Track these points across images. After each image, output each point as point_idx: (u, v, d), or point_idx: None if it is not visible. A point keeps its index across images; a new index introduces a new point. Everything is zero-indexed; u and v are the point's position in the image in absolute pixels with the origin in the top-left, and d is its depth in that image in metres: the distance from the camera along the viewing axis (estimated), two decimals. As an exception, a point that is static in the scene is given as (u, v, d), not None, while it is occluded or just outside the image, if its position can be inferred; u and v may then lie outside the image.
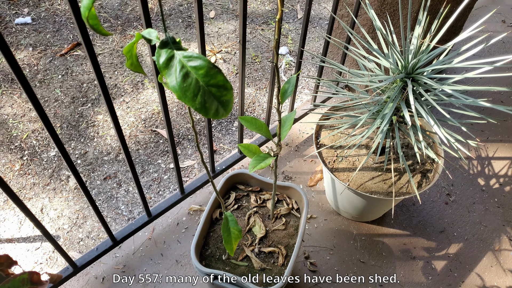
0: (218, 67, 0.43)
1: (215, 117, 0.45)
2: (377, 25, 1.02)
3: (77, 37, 2.04)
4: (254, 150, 0.83)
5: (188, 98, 0.42)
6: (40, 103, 0.73)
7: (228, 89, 0.44)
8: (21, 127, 1.68)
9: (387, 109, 0.92)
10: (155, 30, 0.46)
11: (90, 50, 0.72)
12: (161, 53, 0.41)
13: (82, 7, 0.37)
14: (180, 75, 0.41)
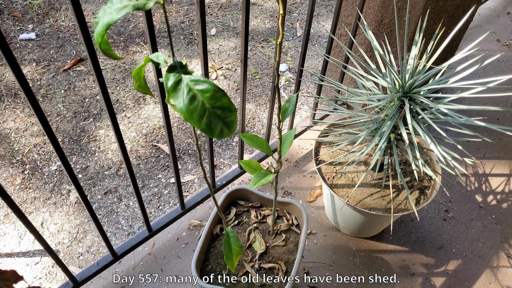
0: (223, 90, 0.45)
1: (219, 137, 0.47)
2: (374, 45, 1.05)
3: (80, 53, 2.07)
4: (255, 167, 0.85)
5: (195, 120, 0.44)
6: (45, 116, 0.75)
7: (233, 110, 0.46)
8: (23, 141, 1.70)
9: (385, 127, 0.94)
10: (162, 54, 0.48)
11: (95, 65, 0.74)
12: (169, 77, 0.43)
13: (95, 34, 0.40)
14: (187, 98, 0.43)
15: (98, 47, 0.42)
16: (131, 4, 0.39)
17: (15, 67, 0.64)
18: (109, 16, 0.39)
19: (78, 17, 0.65)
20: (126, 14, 2.32)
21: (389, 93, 1.02)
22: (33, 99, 0.70)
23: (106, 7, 0.41)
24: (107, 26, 0.39)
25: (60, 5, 2.33)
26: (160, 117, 1.83)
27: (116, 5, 0.39)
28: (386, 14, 1.34)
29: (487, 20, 2.35)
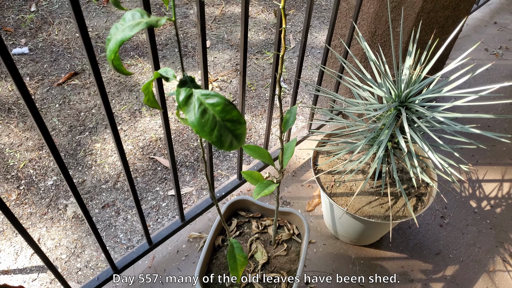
0: (233, 103, 0.46)
1: (229, 149, 0.48)
2: (370, 56, 1.07)
3: (74, 67, 2.08)
4: (257, 177, 0.86)
5: (206, 133, 0.45)
6: (48, 130, 0.76)
7: (242, 123, 0.47)
8: (18, 157, 1.69)
9: (383, 135, 0.96)
10: (171, 69, 0.49)
11: (98, 76, 0.74)
12: (181, 92, 0.44)
13: (108, 50, 0.41)
14: (198, 112, 0.44)
15: (111, 63, 0.43)
16: (144, 22, 0.40)
17: (18, 78, 0.64)
18: (122, 33, 0.40)
19: (82, 31, 0.66)
20: (120, 27, 2.33)
21: (385, 103, 1.04)
22: (34, 109, 0.70)
23: (118, 24, 0.42)
24: (121, 43, 0.40)
25: (53, 19, 2.34)
26: (156, 130, 1.83)
27: (129, 22, 0.41)
28: (379, 25, 1.37)
29: (475, 30, 2.41)
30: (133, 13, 0.41)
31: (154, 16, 0.41)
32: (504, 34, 2.41)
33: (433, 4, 1.29)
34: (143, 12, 0.41)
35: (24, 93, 0.66)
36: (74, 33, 2.27)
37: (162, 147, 1.77)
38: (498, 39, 2.36)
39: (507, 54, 2.25)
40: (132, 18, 0.41)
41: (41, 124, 0.72)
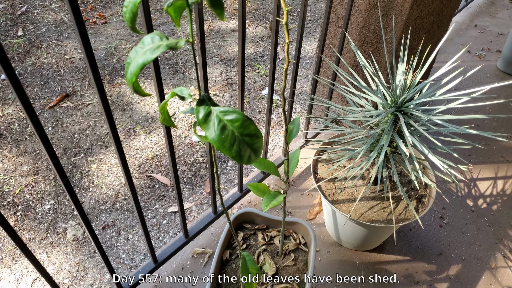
0: (251, 118, 0.48)
1: (247, 163, 0.49)
2: (364, 63, 1.10)
3: (65, 89, 2.07)
4: (263, 189, 0.87)
5: (226, 148, 0.46)
6: (54, 150, 0.76)
7: (259, 137, 0.48)
8: (13, 182, 1.67)
9: (382, 141, 0.98)
10: (186, 89, 0.51)
11: (102, 94, 0.75)
12: (200, 110, 0.46)
13: (129, 74, 0.42)
14: (218, 128, 0.45)
15: (131, 86, 0.44)
16: (164, 44, 0.41)
17: (25, 100, 0.65)
18: (143, 57, 0.41)
19: (86, 49, 0.67)
20: (109, 47, 2.34)
21: (380, 108, 1.07)
22: (40, 128, 0.70)
23: (137, 47, 0.43)
24: (142, 66, 0.41)
25: (40, 42, 2.33)
26: (152, 147, 1.83)
27: (148, 46, 0.42)
28: (368, 34, 1.41)
29: (456, 33, 2.48)
30: (152, 37, 0.42)
31: (172, 38, 0.42)
32: (485, 36, 2.48)
33: (419, 11, 1.33)
34: (161, 35, 0.42)
35: (30, 113, 0.66)
36: (63, 55, 2.26)
37: (159, 164, 1.77)
38: (480, 41, 2.43)
39: (489, 55, 2.32)
40: (151, 42, 0.42)
41: (46, 142, 0.72)
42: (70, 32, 2.43)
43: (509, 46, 2.09)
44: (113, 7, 2.69)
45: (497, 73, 2.18)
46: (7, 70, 0.58)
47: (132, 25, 0.42)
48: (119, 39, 2.41)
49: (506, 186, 1.55)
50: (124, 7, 0.41)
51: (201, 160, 1.80)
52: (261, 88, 2.18)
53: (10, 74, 0.59)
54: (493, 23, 2.60)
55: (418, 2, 1.29)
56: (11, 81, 0.60)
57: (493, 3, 2.81)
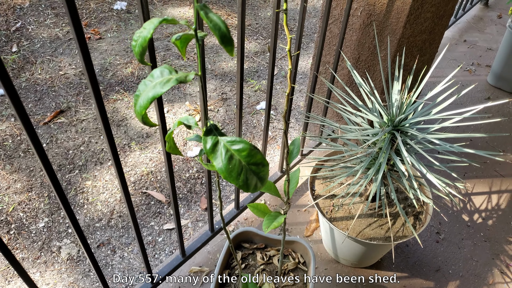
0: (257, 147, 0.48)
1: (254, 191, 0.49)
2: (359, 82, 1.12)
3: (59, 105, 2.06)
4: (263, 209, 0.87)
5: (233, 178, 0.46)
6: (51, 165, 0.75)
7: (265, 165, 0.49)
8: (6, 200, 1.64)
9: (380, 159, 0.99)
10: (193, 118, 0.51)
11: (100, 107, 0.75)
12: (207, 140, 0.46)
13: (139, 107, 0.42)
14: (225, 158, 0.46)
15: (140, 118, 0.44)
16: (174, 78, 0.42)
17: (25, 119, 0.64)
18: (154, 90, 0.41)
19: (87, 64, 0.67)
20: (104, 63, 2.34)
21: (377, 126, 1.08)
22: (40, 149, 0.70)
23: (146, 81, 0.43)
24: (152, 100, 0.42)
25: (35, 58, 2.33)
26: (147, 163, 1.82)
27: (158, 79, 0.42)
28: (362, 52, 1.43)
29: (447, 48, 2.52)
30: (162, 70, 0.42)
31: (181, 72, 0.43)
32: (474, 51, 2.53)
33: (411, 30, 1.36)
34: (171, 68, 0.43)
35: (28, 128, 0.66)
36: (58, 71, 2.26)
37: (154, 180, 1.76)
38: (470, 56, 2.48)
39: (479, 69, 2.36)
40: (161, 75, 0.42)
41: (44, 157, 0.72)
42: (64, 48, 2.43)
43: (499, 61, 2.14)
44: (107, 23, 2.70)
45: (488, 88, 2.22)
46: (6, 85, 0.58)
47: (141, 58, 0.42)
48: (114, 55, 2.42)
49: (500, 201, 1.57)
50: (134, 41, 0.41)
51: (196, 176, 1.79)
52: (256, 103, 2.19)
53: (9, 88, 0.58)
54: (482, 38, 2.66)
55: (411, 21, 1.31)
56: (10, 96, 0.59)
57: (482, 18, 2.88)
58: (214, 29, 0.37)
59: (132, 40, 0.42)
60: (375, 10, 1.32)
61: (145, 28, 0.41)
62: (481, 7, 3.00)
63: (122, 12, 2.83)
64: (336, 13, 1.43)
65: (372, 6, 1.32)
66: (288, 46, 0.59)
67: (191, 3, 3.00)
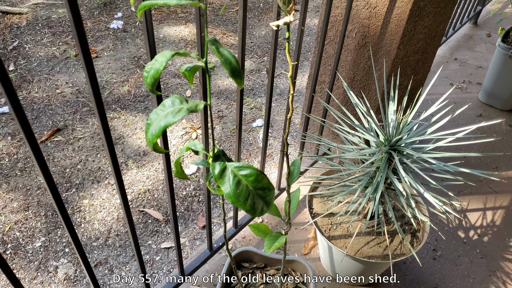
0: (263, 172, 0.50)
1: (260, 215, 0.50)
2: (356, 103, 1.14)
3: (56, 123, 2.07)
4: (264, 230, 0.88)
5: (241, 202, 0.48)
6: (53, 181, 0.76)
7: (271, 189, 0.50)
8: (2, 219, 1.63)
9: (378, 177, 1.01)
10: (200, 143, 0.53)
11: (104, 122, 0.76)
12: (215, 166, 0.47)
13: (150, 135, 0.43)
14: (233, 183, 0.47)
15: (151, 146, 0.45)
16: (185, 108, 0.43)
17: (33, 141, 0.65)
18: (165, 120, 0.43)
19: (93, 83, 0.69)
20: (100, 81, 2.36)
21: (373, 146, 1.10)
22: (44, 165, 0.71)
23: (158, 110, 0.45)
24: (164, 129, 0.43)
25: (32, 77, 2.34)
26: (144, 181, 1.83)
27: (169, 109, 0.44)
28: (357, 71, 1.46)
29: (438, 66, 2.58)
30: (173, 100, 0.44)
31: (191, 101, 0.45)
32: (465, 68, 2.59)
33: (405, 50, 1.40)
34: (181, 98, 0.44)
35: (32, 143, 0.67)
36: (55, 89, 2.27)
37: (151, 198, 1.76)
38: (461, 74, 2.53)
39: (470, 87, 2.41)
40: (172, 105, 0.44)
41: (47, 172, 0.73)
42: (61, 66, 2.45)
43: (490, 79, 2.19)
44: (104, 41, 2.73)
45: (479, 105, 2.26)
46: (12, 100, 0.59)
47: (152, 88, 0.44)
48: (110, 73, 2.44)
49: (495, 217, 1.59)
50: (145, 72, 0.43)
51: (193, 193, 1.80)
52: (252, 120, 2.22)
53: (15, 104, 0.59)
54: (472, 56, 2.72)
55: (404, 42, 1.35)
56: (15, 111, 0.60)
57: (471, 37, 2.95)
58: (225, 63, 0.39)
59: (144, 71, 0.44)
60: (370, 32, 1.36)
61: (157, 60, 0.43)
62: (471, 26, 3.08)
63: (119, 31, 2.87)
64: (331, 34, 1.46)
65: (366, 28, 1.36)
66: (290, 72, 0.61)
67: (186, 21, 3.04)
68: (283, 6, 0.55)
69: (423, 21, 1.36)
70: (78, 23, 0.56)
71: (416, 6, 1.25)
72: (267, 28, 3.09)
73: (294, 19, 0.55)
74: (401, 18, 1.27)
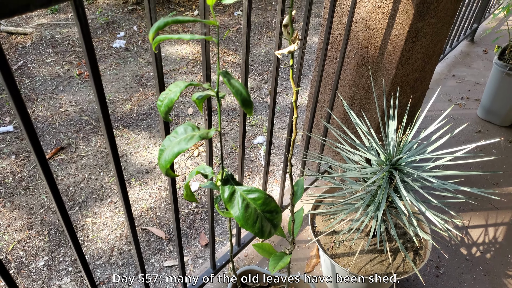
0: (271, 196, 0.51)
1: (268, 237, 0.52)
2: (356, 122, 1.17)
3: (60, 142, 2.09)
4: (269, 249, 0.89)
5: (249, 225, 0.49)
6: (61, 197, 0.77)
7: (279, 212, 0.52)
8: (6, 238, 1.64)
9: (380, 196, 1.02)
10: (209, 167, 0.54)
11: (111, 140, 0.78)
12: (225, 190, 0.49)
13: (163, 160, 0.45)
14: (242, 207, 0.49)
15: (164, 171, 0.47)
16: (197, 135, 0.45)
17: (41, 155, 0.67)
18: (178, 146, 0.45)
19: (100, 95, 0.71)
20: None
21: (374, 164, 1.12)
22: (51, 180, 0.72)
23: (171, 136, 0.47)
24: (177, 155, 0.45)
25: (36, 96, 2.37)
26: (147, 199, 1.84)
27: (182, 136, 0.46)
28: (357, 90, 1.49)
29: (436, 83, 2.62)
30: (185, 127, 0.46)
31: (202, 128, 0.47)
32: (463, 85, 2.63)
33: (404, 70, 1.43)
34: (193, 126, 0.47)
35: (41, 160, 0.69)
36: (58, 108, 2.30)
37: (153, 216, 1.77)
38: (459, 90, 2.57)
39: (468, 103, 2.45)
40: (184, 132, 0.46)
41: (55, 189, 0.74)
42: (65, 85, 2.48)
43: (487, 96, 2.22)
44: (106, 60, 2.77)
45: (478, 121, 2.29)
46: (23, 117, 0.60)
47: (165, 116, 0.46)
48: (113, 92, 2.47)
49: (497, 234, 1.60)
50: (159, 101, 0.45)
51: (195, 211, 1.81)
52: (252, 137, 2.24)
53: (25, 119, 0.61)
54: (469, 73, 2.76)
55: (403, 62, 1.38)
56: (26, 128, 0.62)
57: (468, 54, 3.00)
58: (236, 94, 0.41)
59: (158, 100, 0.46)
60: (369, 52, 1.39)
61: (171, 90, 0.45)
62: (467, 43, 3.14)
63: (121, 50, 2.91)
64: (331, 54, 1.50)
65: (365, 48, 1.39)
66: (294, 97, 0.63)
67: (187, 40, 3.09)
68: (288, 35, 0.58)
69: (421, 42, 1.40)
70: (89, 46, 0.59)
71: (413, 28, 1.28)
72: (267, 47, 3.14)
73: (297, 47, 0.58)
74: (399, 39, 1.30)
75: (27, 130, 0.62)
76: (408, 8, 1.24)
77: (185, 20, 0.39)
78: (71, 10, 2.16)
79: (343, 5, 1.37)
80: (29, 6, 0.52)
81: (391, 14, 1.27)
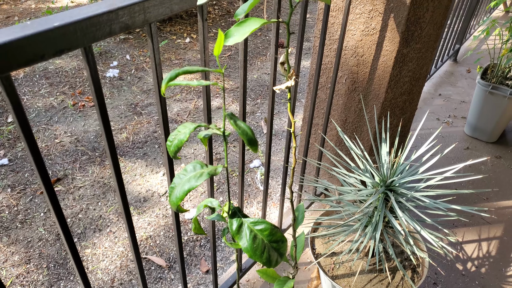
0: (277, 226, 0.54)
1: (275, 265, 0.55)
2: (350, 146, 1.21)
3: (56, 173, 2.10)
4: (272, 275, 0.91)
5: (257, 256, 0.52)
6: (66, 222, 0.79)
7: (284, 241, 0.55)
8: (4, 274, 1.63)
9: (377, 217, 1.06)
10: (216, 200, 0.57)
11: (115, 164, 0.80)
12: (233, 222, 0.52)
13: (174, 197, 0.48)
14: (250, 238, 0.52)
15: (174, 208, 0.50)
16: (206, 172, 0.48)
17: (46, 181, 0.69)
18: (188, 184, 0.48)
19: (105, 126, 0.74)
20: (99, 129, 2.41)
21: (369, 186, 1.16)
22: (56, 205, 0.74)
23: (180, 174, 0.50)
24: (187, 192, 0.48)
25: (31, 127, 2.38)
26: (146, 228, 1.84)
27: (191, 173, 0.49)
28: (349, 114, 1.54)
29: (424, 102, 2.70)
30: (194, 165, 0.49)
31: (210, 166, 0.50)
32: (449, 104, 2.71)
33: (393, 93, 1.49)
34: (202, 163, 0.50)
35: (48, 187, 0.71)
36: (53, 139, 2.32)
37: (153, 245, 1.77)
38: (446, 109, 2.65)
39: (456, 121, 2.52)
40: (193, 169, 0.49)
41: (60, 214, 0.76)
42: (59, 116, 2.51)
43: (473, 114, 2.30)
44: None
45: (466, 138, 2.35)
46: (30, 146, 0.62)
47: (174, 154, 0.49)
48: (109, 121, 2.50)
49: (490, 248, 1.63)
50: (169, 141, 0.49)
51: (195, 238, 1.82)
52: (249, 161, 2.27)
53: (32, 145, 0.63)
54: (455, 91, 2.85)
55: (392, 86, 1.44)
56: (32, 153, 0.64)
57: (452, 73, 3.10)
58: (242, 134, 0.45)
59: (167, 140, 0.50)
60: (359, 77, 1.45)
61: (179, 131, 0.48)
62: (451, 63, 3.24)
63: (115, 79, 2.96)
64: (322, 80, 1.55)
65: (355, 74, 1.45)
66: (293, 128, 0.67)
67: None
68: (285, 72, 0.62)
69: (407, 66, 1.46)
70: (97, 87, 0.62)
71: (400, 54, 1.35)
72: (258, 72, 3.21)
73: (294, 83, 0.62)
74: (387, 65, 1.36)
75: (35, 159, 0.64)
76: (394, 36, 1.30)
77: (194, 70, 0.43)
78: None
79: (332, 33, 1.43)
80: (44, 56, 0.56)
81: (378, 42, 1.34)
